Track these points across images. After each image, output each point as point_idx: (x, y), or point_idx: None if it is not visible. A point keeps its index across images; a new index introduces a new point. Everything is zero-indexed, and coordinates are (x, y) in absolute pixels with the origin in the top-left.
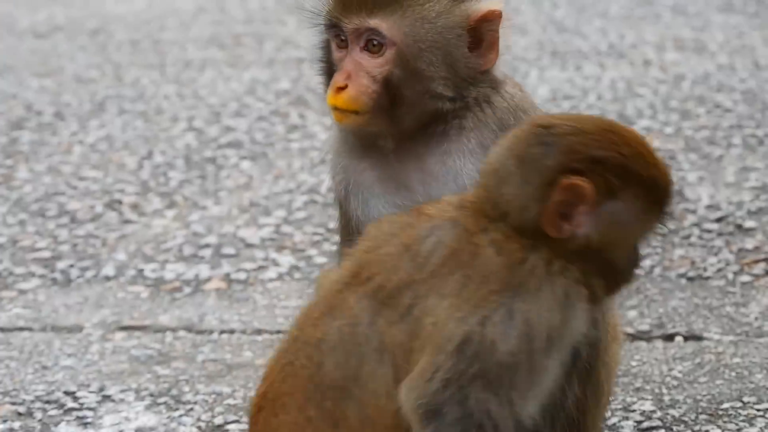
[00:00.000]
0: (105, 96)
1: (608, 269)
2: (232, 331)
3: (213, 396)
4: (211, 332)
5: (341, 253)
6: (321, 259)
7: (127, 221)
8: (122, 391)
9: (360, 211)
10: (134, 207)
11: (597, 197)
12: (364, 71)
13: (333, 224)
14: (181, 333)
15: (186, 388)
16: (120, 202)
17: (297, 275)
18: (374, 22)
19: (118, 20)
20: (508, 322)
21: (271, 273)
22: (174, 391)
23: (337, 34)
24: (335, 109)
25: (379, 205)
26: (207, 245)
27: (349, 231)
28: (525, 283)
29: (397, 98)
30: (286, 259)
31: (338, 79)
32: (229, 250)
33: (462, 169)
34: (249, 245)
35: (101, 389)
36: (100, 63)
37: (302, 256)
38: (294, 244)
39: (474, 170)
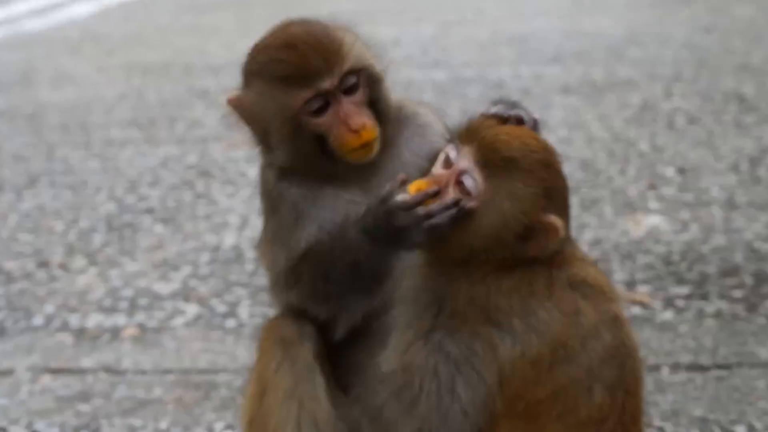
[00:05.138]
0: (38, 171)
1: None
2: (144, 372)
3: (127, 428)
4: (126, 373)
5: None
6: (222, 308)
7: (55, 278)
8: (48, 425)
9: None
10: (62, 265)
11: None
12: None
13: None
14: (101, 374)
15: (104, 422)
16: (48, 262)
17: (201, 322)
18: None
19: (51, 106)
20: None
21: (179, 321)
22: (93, 425)
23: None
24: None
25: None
26: (124, 298)
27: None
28: None
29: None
30: (192, 309)
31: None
32: (143, 301)
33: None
34: (160, 297)
35: (30, 424)
36: (35, 142)
37: (206, 306)
38: (199, 296)
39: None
